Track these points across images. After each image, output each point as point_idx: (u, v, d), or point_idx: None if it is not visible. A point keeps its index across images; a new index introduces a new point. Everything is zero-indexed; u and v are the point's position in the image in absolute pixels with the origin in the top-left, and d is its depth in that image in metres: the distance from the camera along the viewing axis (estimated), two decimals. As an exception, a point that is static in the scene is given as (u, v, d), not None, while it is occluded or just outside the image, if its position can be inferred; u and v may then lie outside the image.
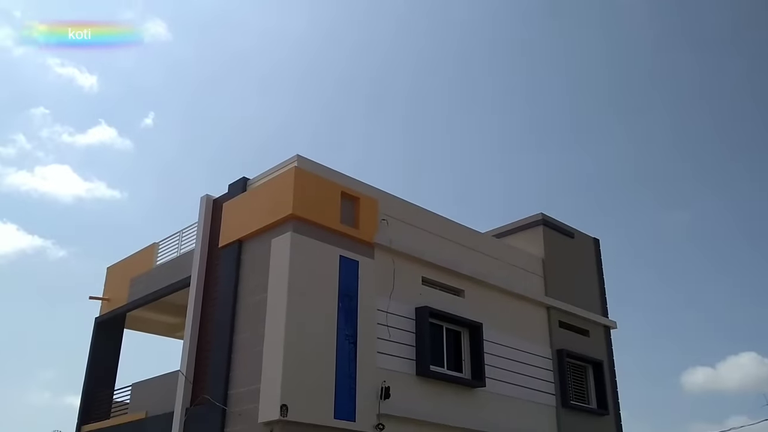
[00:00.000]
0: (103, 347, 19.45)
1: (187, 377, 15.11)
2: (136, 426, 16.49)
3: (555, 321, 19.38)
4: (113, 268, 20.57)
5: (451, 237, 17.42)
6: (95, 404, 18.61)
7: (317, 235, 14.33)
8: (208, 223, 16.63)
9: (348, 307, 14.20)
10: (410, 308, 15.69)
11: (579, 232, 21.70)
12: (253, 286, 14.59)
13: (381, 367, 14.48)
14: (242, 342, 14.33)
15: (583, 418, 18.96)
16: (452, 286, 17.01)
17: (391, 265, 15.54)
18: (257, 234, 15.01)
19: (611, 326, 21.22)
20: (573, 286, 20.41)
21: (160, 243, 19.13)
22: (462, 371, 16.43)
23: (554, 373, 18.67)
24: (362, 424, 13.60)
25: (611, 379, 20.43)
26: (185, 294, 16.47)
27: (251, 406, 13.24)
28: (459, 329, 16.78)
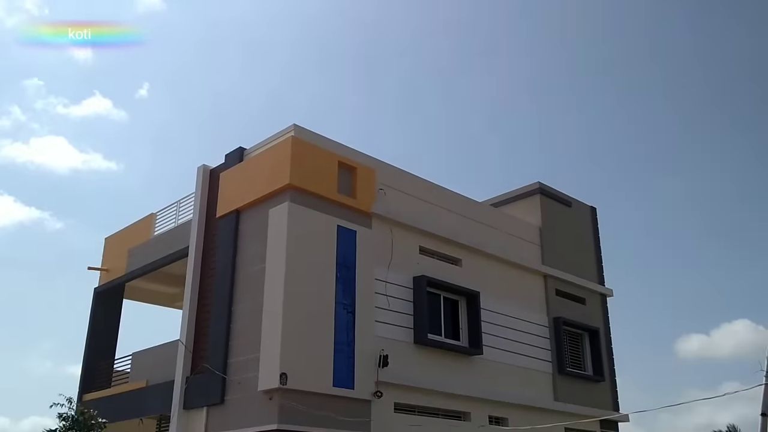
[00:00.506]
0: (103, 317, 19.56)
1: (186, 346, 15.23)
2: (137, 394, 16.66)
3: (552, 289, 19.52)
4: (111, 239, 20.59)
5: (448, 206, 17.43)
6: (96, 373, 18.78)
7: (315, 205, 14.32)
8: (206, 194, 16.61)
9: (346, 276, 14.26)
10: (408, 277, 15.77)
11: (576, 200, 21.72)
12: (251, 256, 14.63)
13: (379, 335, 14.60)
14: (241, 312, 14.42)
15: (579, 385, 19.20)
16: (450, 255, 17.08)
17: (389, 235, 15.57)
18: (255, 204, 15.00)
19: (607, 294, 21.37)
20: (570, 255, 20.50)
21: (157, 213, 19.12)
22: (459, 339, 16.57)
23: (551, 340, 18.85)
24: (361, 392, 13.76)
25: (607, 346, 20.64)
26: (184, 264, 16.51)
27: (251, 375, 13.38)
28: (456, 298, 16.88)
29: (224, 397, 13.98)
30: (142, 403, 16.41)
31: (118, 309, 19.91)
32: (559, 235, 20.39)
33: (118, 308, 19.91)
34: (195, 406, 14.58)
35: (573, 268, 20.32)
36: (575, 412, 18.06)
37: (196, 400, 14.59)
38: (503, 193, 21.38)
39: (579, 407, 18.37)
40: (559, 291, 19.75)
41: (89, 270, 20.25)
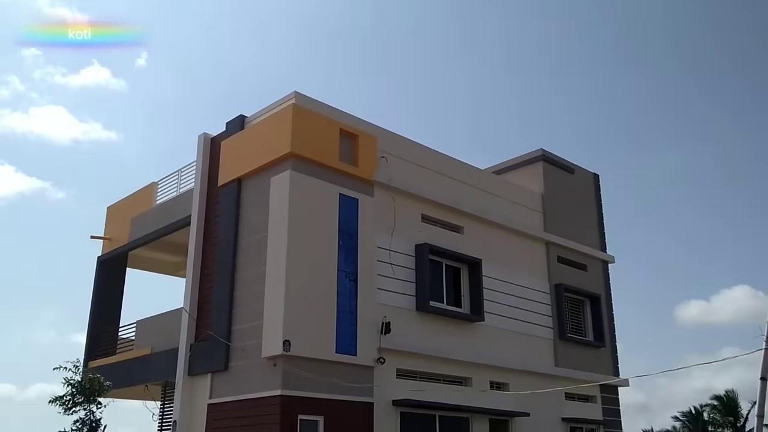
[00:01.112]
0: (107, 286, 19.67)
1: (190, 314, 15.34)
2: (143, 361, 16.84)
3: (554, 256, 19.56)
4: (113, 208, 20.60)
5: (450, 174, 17.37)
6: (101, 341, 18.96)
7: (316, 173, 14.28)
8: (207, 162, 16.56)
9: (348, 244, 14.29)
10: (410, 245, 15.80)
11: (579, 167, 21.64)
12: (254, 224, 14.65)
13: (381, 303, 14.68)
14: (244, 280, 14.48)
15: (580, 350, 19.36)
16: (452, 223, 17.08)
17: (391, 203, 15.56)
18: (256, 172, 14.96)
19: (609, 261, 21.42)
20: (572, 222, 20.50)
21: (159, 182, 19.09)
22: (461, 306, 16.67)
23: (552, 306, 18.96)
24: (363, 359, 13.89)
25: (608, 313, 20.76)
26: (186, 233, 16.54)
27: (254, 342, 13.50)
28: (458, 265, 16.93)
29: (228, 363, 14.13)
30: (147, 370, 16.58)
31: (122, 277, 20.00)
32: (561, 202, 20.37)
33: (122, 277, 20.00)
34: (199, 373, 14.75)
35: (575, 235, 20.34)
36: (576, 377, 18.25)
37: (201, 366, 14.74)
38: (506, 161, 21.30)
39: (579, 372, 18.55)
40: (561, 258, 19.80)
41: (92, 239, 20.31)
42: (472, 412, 15.80)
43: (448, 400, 15.32)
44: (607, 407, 19.70)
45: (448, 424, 15.48)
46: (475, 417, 15.92)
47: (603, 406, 19.60)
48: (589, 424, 19.09)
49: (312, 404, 12.98)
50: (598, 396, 19.55)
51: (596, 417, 19.25)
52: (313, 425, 12.98)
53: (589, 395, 19.33)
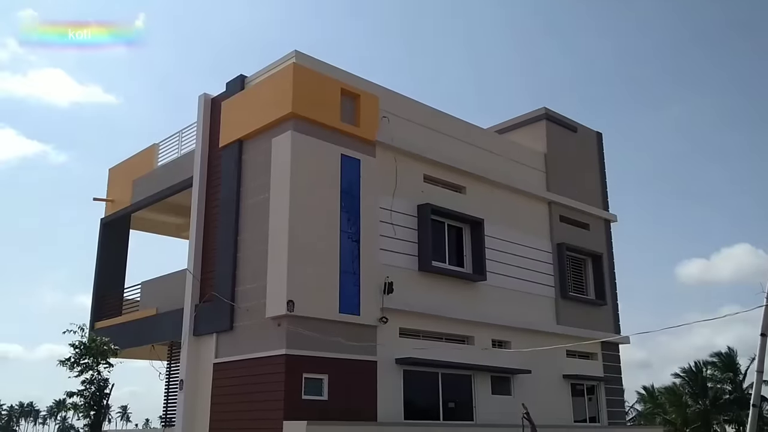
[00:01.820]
0: (111, 247, 19.76)
1: (194, 275, 15.45)
2: (148, 322, 17.02)
3: (556, 215, 19.57)
4: (115, 170, 20.57)
5: (452, 133, 17.27)
6: (107, 302, 19.14)
7: (318, 134, 14.21)
8: (207, 123, 16.46)
9: (350, 205, 14.29)
10: (412, 205, 15.80)
11: (582, 126, 21.49)
12: (255, 186, 14.63)
13: (384, 263, 14.75)
14: (247, 241, 14.53)
15: (581, 309, 19.51)
16: (454, 183, 17.05)
17: (393, 163, 15.50)
18: (257, 133, 14.88)
19: (611, 219, 21.44)
20: (574, 181, 20.45)
21: (160, 144, 19.02)
22: (463, 266, 16.75)
23: (554, 266, 19.04)
24: (366, 318, 14.02)
25: (610, 271, 20.86)
26: (188, 194, 16.55)
27: (258, 302, 13.61)
28: (460, 225, 16.96)
29: (233, 323, 14.28)
30: (153, 330, 16.77)
31: (125, 239, 20.08)
32: (564, 161, 20.29)
33: (125, 238, 20.08)
34: (205, 333, 14.92)
35: (577, 194, 20.31)
36: (577, 335, 18.42)
37: (206, 326, 14.90)
38: (509, 119, 21.16)
39: (580, 330, 18.72)
40: (563, 217, 19.81)
41: (95, 201, 20.34)
42: (474, 369, 16.01)
43: (451, 358, 15.50)
44: (608, 364, 19.94)
45: (451, 382, 15.71)
46: (477, 374, 16.13)
47: (604, 363, 19.84)
48: (590, 381, 19.35)
49: (316, 363, 13.16)
50: (599, 353, 19.77)
51: (597, 374, 19.50)
52: (318, 383, 13.19)
53: (590, 352, 19.55)
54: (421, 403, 15.10)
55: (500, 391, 16.56)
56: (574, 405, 18.64)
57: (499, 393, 16.51)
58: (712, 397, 42.51)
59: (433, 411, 15.30)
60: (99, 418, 13.09)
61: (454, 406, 15.70)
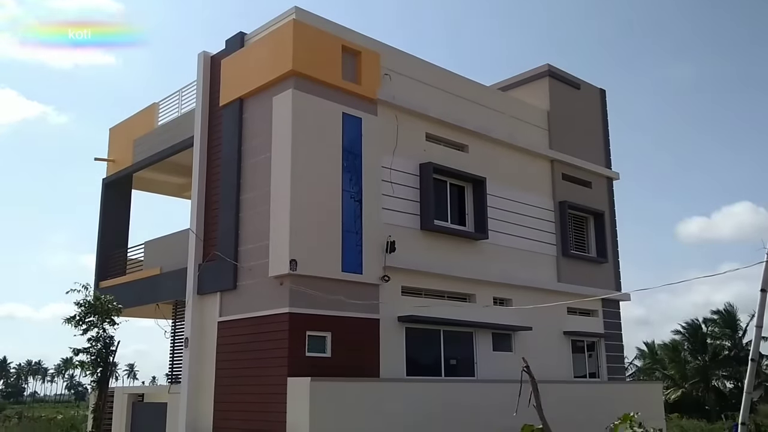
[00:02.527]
0: (113, 207, 19.79)
1: (197, 235, 15.50)
2: (152, 281, 17.14)
3: (558, 173, 19.52)
4: (116, 130, 20.47)
5: (455, 91, 17.11)
6: (110, 262, 19.25)
7: (319, 92, 14.08)
8: (207, 82, 16.31)
9: (352, 164, 14.25)
10: (414, 164, 15.75)
11: (585, 83, 21.28)
12: (256, 145, 14.57)
13: (386, 222, 14.78)
14: (249, 201, 14.54)
15: (583, 266, 19.60)
16: (456, 142, 16.96)
17: (395, 122, 15.40)
18: (258, 92, 14.76)
19: (614, 177, 21.38)
20: (577, 138, 20.34)
21: (160, 103, 18.89)
22: (465, 225, 16.78)
23: (556, 224, 19.07)
24: (369, 276, 14.11)
25: (611, 229, 20.89)
26: (189, 154, 16.49)
27: (261, 262, 13.69)
28: (463, 184, 16.93)
29: (236, 283, 14.38)
30: (157, 290, 16.91)
31: (128, 199, 20.11)
32: (567, 119, 20.14)
33: (128, 198, 20.11)
34: (208, 292, 15.04)
35: (580, 152, 20.22)
36: (578, 293, 18.54)
37: (209, 285, 15.01)
38: (512, 77, 20.94)
39: (581, 288, 18.84)
40: (566, 175, 19.76)
41: (96, 161, 20.31)
42: (475, 327, 16.17)
43: (452, 316, 15.65)
44: (608, 321, 20.13)
45: (452, 339, 15.89)
46: (478, 331, 16.30)
47: (604, 320, 20.02)
48: (591, 338, 19.57)
49: (319, 321, 13.30)
50: (600, 310, 19.94)
51: (597, 330, 19.70)
52: (321, 341, 13.35)
53: (591, 309, 19.71)
54: (423, 359, 15.30)
55: (501, 347, 16.76)
56: (574, 361, 18.88)
57: (500, 350, 16.71)
58: (711, 353, 43.07)
59: (435, 367, 15.51)
60: (106, 374, 13.29)
61: (455, 362, 15.91)
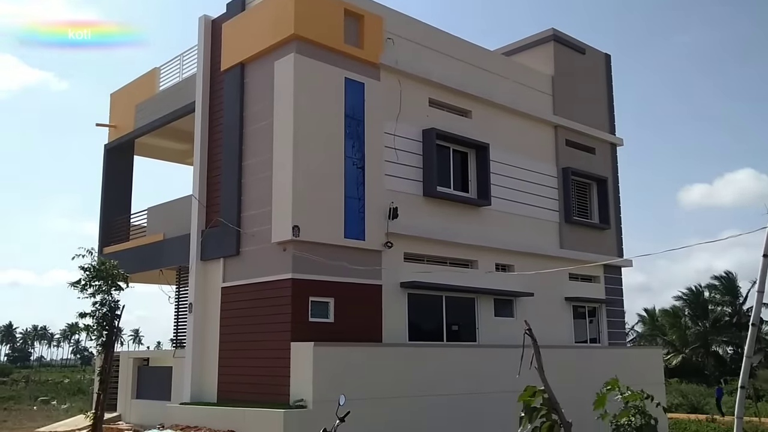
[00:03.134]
0: (116, 173, 19.78)
1: (200, 201, 15.51)
2: (156, 247, 17.21)
3: (562, 139, 19.42)
4: (117, 95, 20.36)
5: (458, 56, 16.94)
6: (114, 228, 19.31)
7: (321, 57, 13.95)
8: (209, 46, 16.16)
9: (354, 130, 14.18)
10: (417, 130, 15.67)
11: (590, 47, 21.04)
12: (258, 110, 14.49)
13: (389, 188, 14.76)
14: (251, 167, 14.51)
15: (585, 233, 19.62)
16: (459, 107, 16.84)
17: (398, 87, 15.28)
18: (259, 56, 14.62)
19: (618, 143, 21.27)
20: (582, 104, 20.18)
21: (161, 68, 18.75)
22: (468, 191, 16.76)
23: (559, 190, 19.03)
24: (371, 243, 14.15)
25: (614, 195, 20.86)
26: (191, 120, 16.41)
27: (264, 228, 13.72)
28: (466, 150, 16.86)
29: (239, 249, 14.43)
30: (161, 255, 16.99)
31: (130, 165, 20.08)
32: (571, 84, 19.96)
33: (130, 164, 20.08)
34: (212, 258, 15.10)
35: (584, 118, 20.08)
36: (580, 259, 18.59)
37: (213, 251, 15.07)
38: (516, 41, 20.71)
39: (583, 254, 18.88)
40: (569, 141, 19.66)
41: (97, 126, 20.24)
42: (477, 293, 16.26)
43: (455, 282, 15.72)
44: (609, 287, 20.21)
45: (454, 304, 15.99)
46: (480, 297, 16.39)
47: (606, 286, 20.11)
48: (592, 303, 19.67)
49: (322, 287, 13.37)
50: (602, 276, 20.01)
51: (599, 296, 19.79)
52: (324, 306, 13.44)
53: (593, 275, 19.79)
54: (425, 325, 15.42)
55: (503, 313, 16.87)
56: (575, 327, 19.01)
57: (502, 315, 16.82)
58: (712, 320, 43.41)
59: (437, 333, 15.64)
60: (111, 338, 13.39)
61: (457, 328, 16.03)
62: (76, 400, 28.96)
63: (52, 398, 30.74)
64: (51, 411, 25.52)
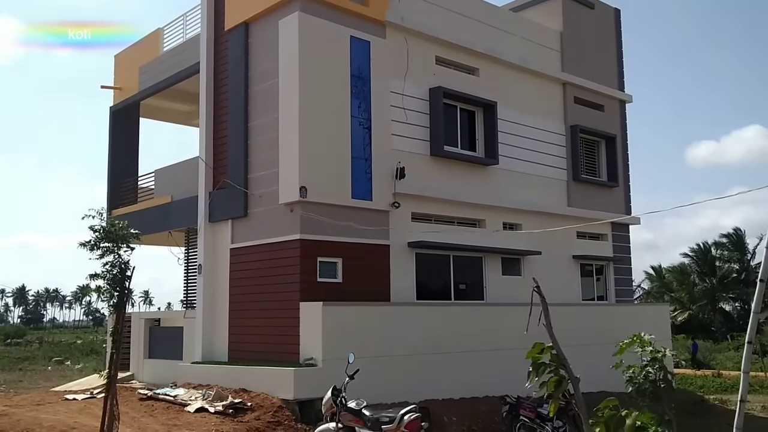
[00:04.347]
0: (122, 135, 19.74)
1: (206, 163, 15.50)
2: (164, 209, 17.28)
3: (570, 97, 19.20)
4: (121, 57, 20.20)
5: (465, 12, 16.66)
6: (121, 190, 19.36)
7: (326, 15, 13.75)
8: (212, 6, 15.95)
9: (361, 89, 14.05)
10: (424, 89, 15.52)
11: (600, 2, 20.65)
12: (264, 70, 14.36)
13: (395, 148, 14.69)
14: (257, 128, 14.45)
15: (593, 190, 19.54)
16: (467, 65, 16.64)
17: (404, 45, 15.08)
18: (264, 15, 14.44)
19: (626, 100, 21.03)
20: (590, 60, 19.88)
21: (164, 28, 18.55)
22: (476, 150, 16.66)
23: (567, 148, 18.90)
24: (379, 203, 14.15)
25: (623, 153, 20.70)
26: (196, 81, 16.29)
27: (271, 189, 13.72)
28: (473, 109, 16.71)
29: (247, 210, 14.46)
30: (169, 217, 17.06)
31: (136, 127, 20.03)
32: (580, 40, 19.65)
33: (136, 126, 20.03)
34: (220, 219, 15.16)
35: (593, 75, 19.81)
36: (587, 217, 18.54)
37: (221, 213, 15.12)
38: (523, -4, 20.33)
39: (591, 212, 18.81)
40: (578, 98, 19.44)
41: (102, 89, 20.13)
42: (485, 251, 16.29)
43: (462, 241, 15.75)
44: (617, 245, 20.21)
45: (462, 264, 16.04)
46: (488, 256, 16.44)
47: (613, 244, 20.11)
48: (599, 261, 19.70)
49: (330, 247, 13.42)
50: (609, 234, 19.99)
51: (606, 254, 19.81)
52: (333, 266, 13.52)
53: (600, 233, 19.77)
54: (433, 284, 15.50)
55: (510, 272, 16.93)
56: (582, 284, 19.08)
57: (510, 274, 16.88)
58: (719, 276, 43.46)
59: (445, 292, 15.74)
60: (122, 299, 13.51)
61: (465, 287, 16.12)
62: (90, 360, 29.45)
63: (66, 359, 31.27)
64: (65, 371, 25.99)
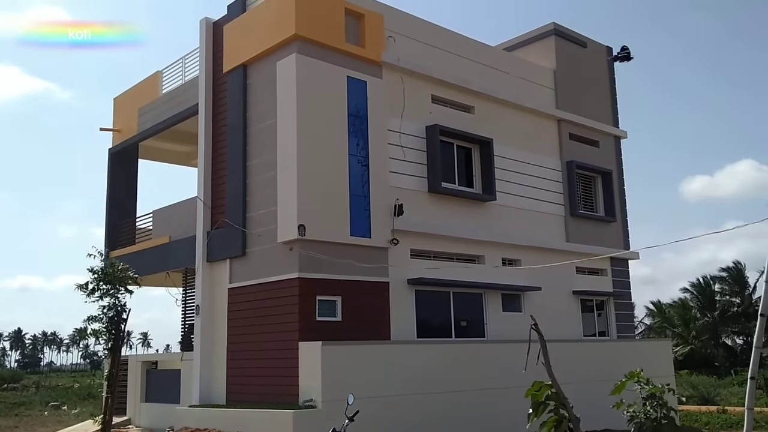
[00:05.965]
0: (121, 177, 19.81)
1: (205, 203, 15.54)
2: (162, 250, 17.25)
3: (565, 133, 19.36)
4: (120, 99, 20.40)
5: (460, 52, 16.92)
6: (120, 231, 19.36)
7: (323, 56, 13.95)
8: (210, 48, 16.19)
9: (358, 128, 14.18)
10: (420, 127, 15.66)
11: (592, 40, 20.97)
12: (262, 111, 14.50)
13: (393, 185, 14.76)
14: (256, 168, 14.53)
15: (591, 226, 19.57)
16: (462, 103, 16.83)
17: (400, 84, 15.27)
18: (261, 57, 14.64)
19: (621, 136, 21.21)
20: (584, 97, 20.13)
21: (163, 71, 18.77)
22: (473, 186, 16.74)
23: (563, 184, 18.99)
24: (377, 240, 14.15)
25: (619, 188, 20.80)
26: (195, 122, 16.44)
27: (270, 228, 13.73)
28: (469, 146, 16.84)
29: (245, 249, 14.45)
30: (167, 258, 17.02)
31: (135, 168, 20.10)
32: (573, 78, 19.91)
33: (135, 167, 20.10)
34: (218, 259, 15.13)
35: (587, 111, 20.03)
36: (586, 252, 18.53)
37: (219, 253, 15.10)
38: (517, 36, 20.67)
39: (590, 247, 18.83)
40: (573, 135, 19.61)
41: (101, 131, 20.27)
42: (484, 288, 16.24)
43: (462, 277, 15.71)
44: (617, 279, 20.15)
45: (462, 300, 15.98)
46: (488, 292, 16.38)
47: (613, 279, 20.05)
48: (600, 296, 19.63)
49: (329, 285, 13.37)
50: (609, 269, 19.95)
51: (606, 289, 19.74)
52: (332, 305, 13.45)
53: (600, 268, 19.74)
54: (433, 321, 15.41)
55: (511, 308, 16.85)
56: (583, 320, 18.97)
57: (510, 310, 16.79)
58: (720, 310, 43.23)
59: (445, 329, 15.63)
60: (118, 342, 13.40)
61: (465, 324, 16.02)
62: (87, 405, 29.02)
63: (63, 403, 30.80)
64: (62, 416, 25.59)
